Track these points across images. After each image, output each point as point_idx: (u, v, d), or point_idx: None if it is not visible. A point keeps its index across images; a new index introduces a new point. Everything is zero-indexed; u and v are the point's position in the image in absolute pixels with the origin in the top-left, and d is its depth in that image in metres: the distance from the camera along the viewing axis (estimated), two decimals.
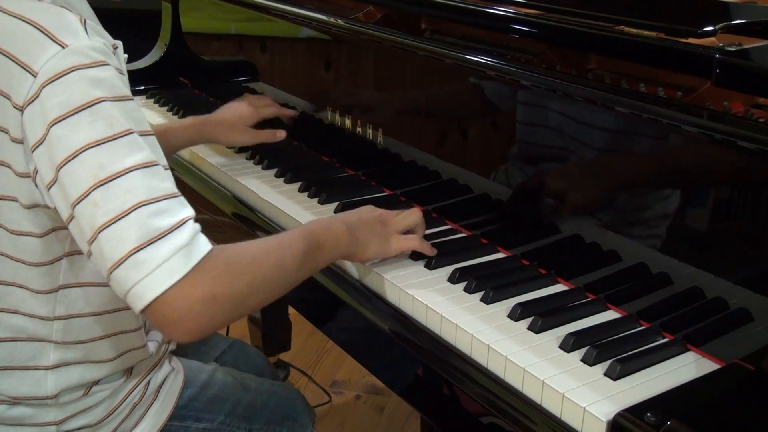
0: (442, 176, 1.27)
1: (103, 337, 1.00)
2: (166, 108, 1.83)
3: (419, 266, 1.11)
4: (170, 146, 1.41)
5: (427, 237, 1.16)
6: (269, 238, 0.97)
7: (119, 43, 0.95)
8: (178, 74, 2.01)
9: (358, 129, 1.41)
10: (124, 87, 0.86)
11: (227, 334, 1.81)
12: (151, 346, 1.08)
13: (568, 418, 0.84)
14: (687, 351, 0.92)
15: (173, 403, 1.11)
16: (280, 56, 1.69)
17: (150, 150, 0.84)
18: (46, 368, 0.98)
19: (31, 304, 0.96)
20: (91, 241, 0.82)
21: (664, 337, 0.94)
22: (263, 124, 1.52)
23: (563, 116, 1.08)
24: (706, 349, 0.92)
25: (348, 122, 1.44)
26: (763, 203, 0.88)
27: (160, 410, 1.09)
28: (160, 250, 0.80)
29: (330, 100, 1.49)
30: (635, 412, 0.78)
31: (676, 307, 0.96)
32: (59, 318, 0.96)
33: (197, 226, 0.85)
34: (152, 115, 1.80)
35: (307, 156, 1.53)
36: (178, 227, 0.82)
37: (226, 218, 1.41)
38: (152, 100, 1.88)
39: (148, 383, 1.08)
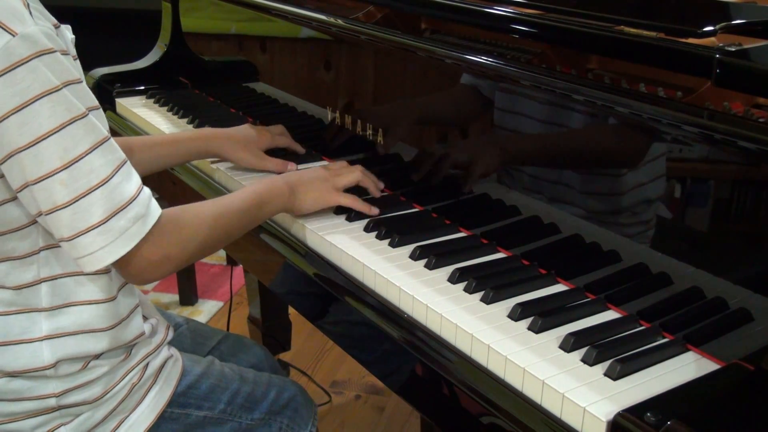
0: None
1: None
2: (166, 108, 1.82)
3: (420, 266, 1.11)
4: (177, 157, 1.41)
5: (428, 238, 1.16)
6: (218, 201, 1.11)
7: (63, 26, 0.99)
8: (178, 74, 2.01)
9: (358, 129, 1.41)
10: (73, 69, 0.92)
11: (227, 329, 1.82)
12: (147, 328, 1.10)
13: (568, 418, 0.84)
14: (687, 351, 0.92)
15: (172, 389, 1.13)
16: (280, 56, 1.69)
17: (100, 125, 0.93)
18: (40, 339, 1.00)
19: (15, 273, 0.99)
20: (50, 212, 0.91)
21: (664, 337, 0.94)
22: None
23: (566, 117, 1.08)
24: (706, 349, 0.92)
25: (348, 122, 1.44)
26: (763, 203, 0.88)
27: (159, 394, 1.11)
28: (121, 220, 0.92)
29: (330, 100, 1.49)
30: (635, 412, 0.78)
31: (676, 307, 0.96)
32: (45, 280, 1.00)
33: (148, 191, 0.97)
34: (152, 115, 1.80)
35: (308, 156, 1.53)
36: (138, 196, 0.94)
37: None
38: (152, 100, 1.88)
39: (146, 366, 1.10)
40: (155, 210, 0.97)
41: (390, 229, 1.19)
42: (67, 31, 1.01)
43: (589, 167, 1.08)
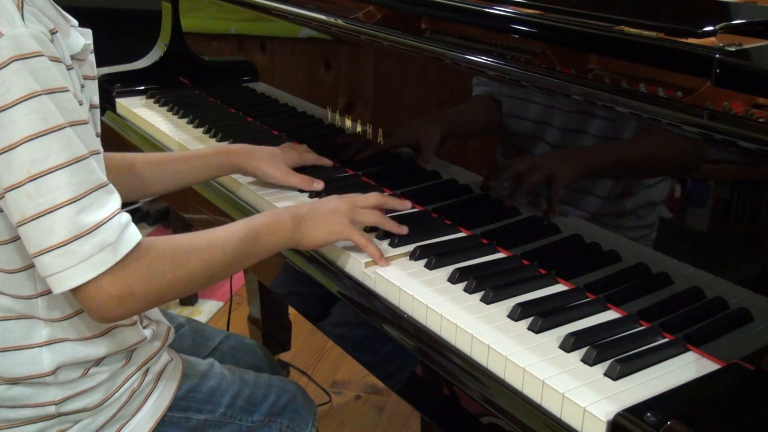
0: (442, 176, 1.27)
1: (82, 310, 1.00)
2: (166, 108, 1.83)
3: (420, 266, 1.11)
4: (197, 172, 1.35)
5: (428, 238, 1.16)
6: (205, 232, 1.02)
7: (62, 24, 0.95)
8: (178, 74, 2.01)
9: (358, 129, 1.41)
10: (60, 78, 0.88)
11: (227, 329, 1.82)
12: (147, 333, 1.09)
13: (568, 418, 0.84)
14: (687, 351, 0.92)
15: (172, 393, 1.12)
16: (280, 56, 1.69)
17: (80, 141, 0.88)
18: (40, 345, 0.99)
19: (11, 284, 0.97)
20: (20, 224, 0.87)
21: (664, 337, 0.94)
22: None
23: (565, 116, 1.08)
24: (706, 349, 0.92)
25: (348, 122, 1.44)
26: (763, 203, 0.88)
27: (159, 399, 1.10)
28: (85, 245, 0.86)
29: (330, 100, 1.49)
30: (635, 412, 0.78)
31: (676, 307, 0.96)
32: (42, 294, 0.97)
33: (126, 218, 0.90)
34: (152, 115, 1.80)
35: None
36: (106, 223, 0.88)
37: (228, 219, 1.41)
38: (152, 100, 1.88)
39: (146, 371, 1.09)
40: (130, 239, 0.90)
41: None
42: (81, 36, 0.98)
43: (589, 171, 1.08)
